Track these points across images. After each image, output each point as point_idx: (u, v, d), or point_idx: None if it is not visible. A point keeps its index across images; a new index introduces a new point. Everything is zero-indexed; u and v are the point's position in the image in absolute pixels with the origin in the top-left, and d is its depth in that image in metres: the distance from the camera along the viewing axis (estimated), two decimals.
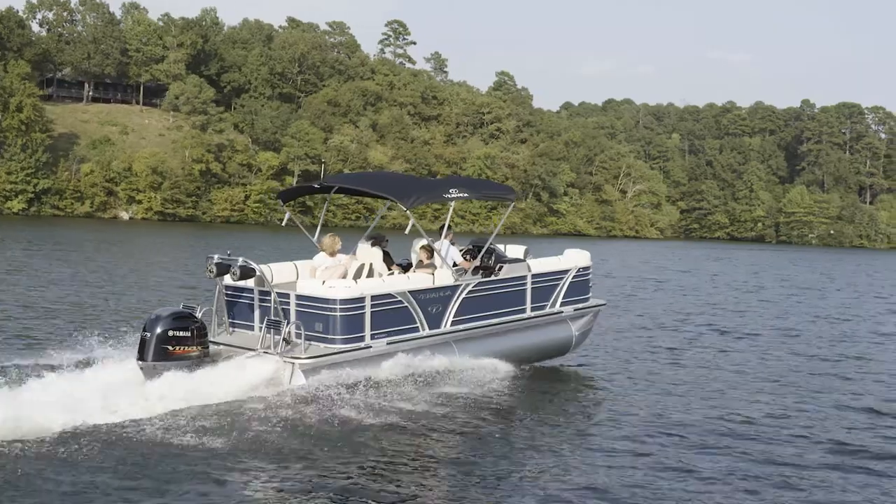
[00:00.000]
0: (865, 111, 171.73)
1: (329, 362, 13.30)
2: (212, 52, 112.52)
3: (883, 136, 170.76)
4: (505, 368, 15.31)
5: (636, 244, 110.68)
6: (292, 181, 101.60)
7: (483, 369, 14.90)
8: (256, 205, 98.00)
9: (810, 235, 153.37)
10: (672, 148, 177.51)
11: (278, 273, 14.70)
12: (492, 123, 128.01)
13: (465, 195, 15.71)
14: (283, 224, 16.90)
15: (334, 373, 13.26)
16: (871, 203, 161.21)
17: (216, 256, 13.55)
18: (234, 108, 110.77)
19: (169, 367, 12.49)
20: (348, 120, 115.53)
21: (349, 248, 15.68)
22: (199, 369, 12.72)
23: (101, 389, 11.98)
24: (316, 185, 16.18)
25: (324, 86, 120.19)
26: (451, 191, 15.38)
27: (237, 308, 14.51)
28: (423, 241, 15.72)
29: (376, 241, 15.66)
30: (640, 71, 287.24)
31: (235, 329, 14.53)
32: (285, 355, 13.16)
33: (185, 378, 12.45)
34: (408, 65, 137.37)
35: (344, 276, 14.48)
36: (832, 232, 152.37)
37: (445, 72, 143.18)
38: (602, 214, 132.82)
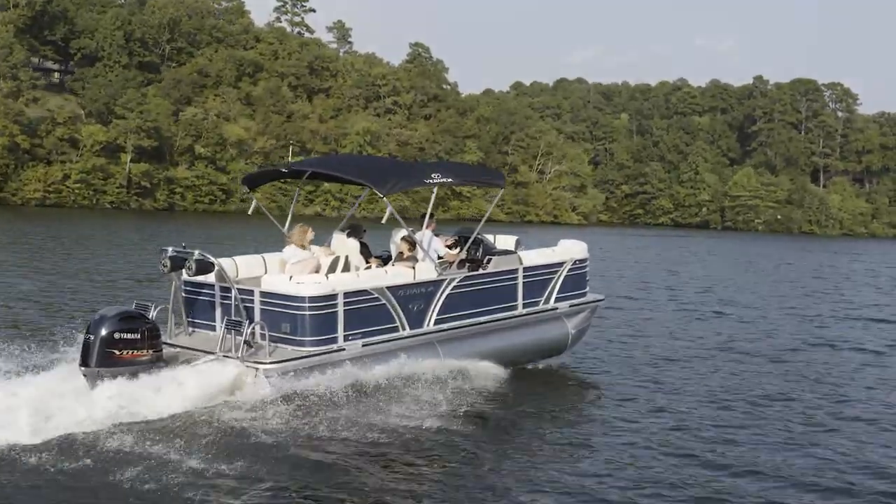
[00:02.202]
0: (822, 87, 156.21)
1: (297, 367, 11.94)
2: (58, 15, 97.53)
3: (840, 114, 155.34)
4: (494, 371, 14.02)
5: (553, 231, 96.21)
6: (126, 158, 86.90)
7: (470, 372, 13.55)
8: (78, 185, 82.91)
9: (756, 221, 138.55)
10: (619, 128, 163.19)
11: (244, 267, 13.48)
12: (388, 97, 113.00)
13: (449, 180, 14.32)
14: (250, 213, 15.55)
15: (303, 379, 11.91)
16: (825, 186, 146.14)
17: (170, 249, 12.22)
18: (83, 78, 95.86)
19: (114, 373, 11.12)
20: (219, 92, 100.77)
21: (323, 239, 14.32)
22: (149, 376, 11.33)
23: (33, 400, 10.51)
24: (284, 170, 15.48)
25: (200, 55, 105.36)
26: (433, 176, 14.01)
27: (197, 306, 13.07)
28: (404, 232, 14.19)
29: (353, 231, 14.50)
30: (627, 58, 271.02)
31: (196, 329, 13.04)
32: (247, 359, 11.76)
33: (133, 386, 11.00)
34: (306, 34, 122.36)
35: (317, 271, 13.11)
36: (779, 217, 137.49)
37: (350, 42, 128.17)
38: (515, 198, 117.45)
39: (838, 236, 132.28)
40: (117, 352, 11.24)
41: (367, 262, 14.15)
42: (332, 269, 13.37)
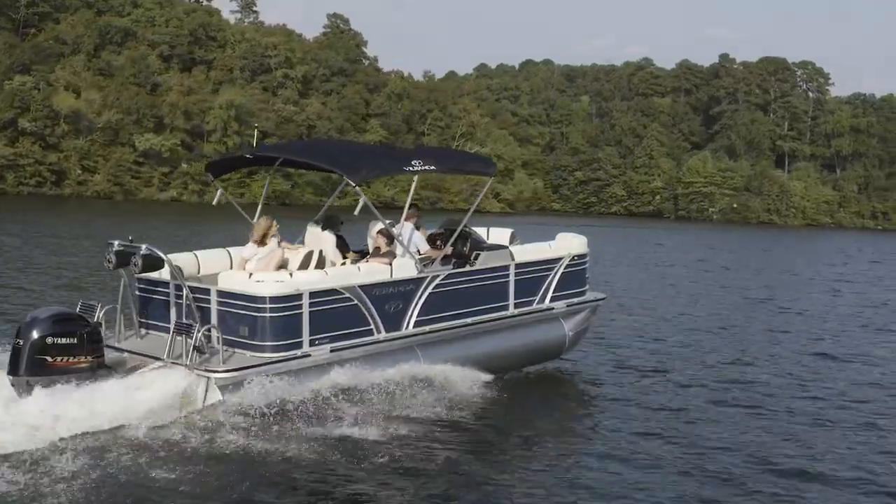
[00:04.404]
0: (792, 66, 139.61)
1: (255, 375, 10.33)
2: None
3: (812, 94, 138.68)
4: (482, 377, 12.53)
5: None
6: None
7: (454, 379, 12.07)
8: None
9: (711, 210, 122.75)
10: (578, 111, 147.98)
11: (207, 263, 12.00)
12: (278, 69, 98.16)
13: (431, 168, 12.71)
14: (216, 203, 13.87)
15: (262, 389, 10.27)
16: (790, 172, 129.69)
17: (116, 243, 10.67)
18: None
19: (46, 382, 9.70)
20: (71, 61, 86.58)
21: (298, 234, 12.96)
22: (86, 385, 9.79)
23: None
24: (248, 156, 13.18)
25: (64, 21, 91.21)
26: (413, 162, 12.45)
27: (151, 305, 11.58)
28: (381, 225, 12.73)
29: (328, 223, 13.01)
30: (632, 51, 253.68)
31: (149, 331, 11.57)
32: (198, 367, 10.22)
33: (66, 397, 9.52)
34: (204, 1, 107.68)
35: (283, 266, 11.83)
36: (735, 206, 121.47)
37: (255, 12, 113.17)
38: (424, 182, 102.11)
39: (801, 226, 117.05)
40: (50, 358, 9.79)
41: (344, 257, 12.56)
42: (304, 264, 11.90)
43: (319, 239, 12.53)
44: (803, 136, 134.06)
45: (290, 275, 11.08)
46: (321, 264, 12.01)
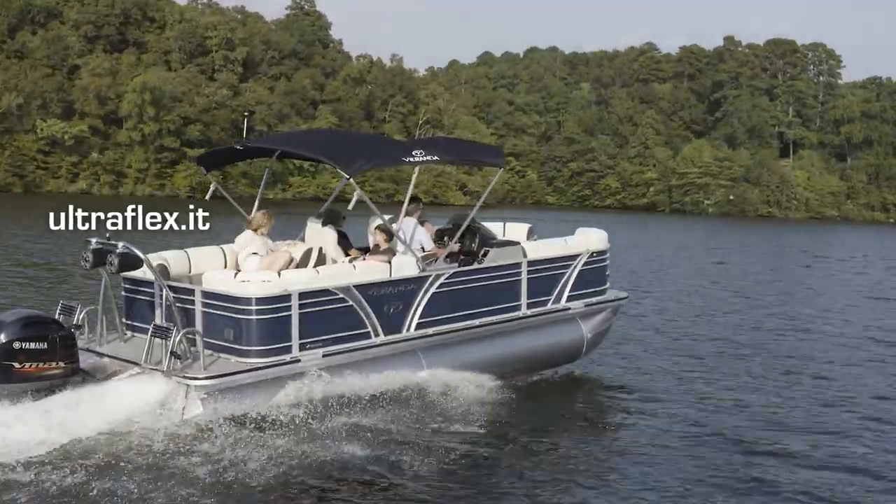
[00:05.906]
0: (802, 49, 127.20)
1: (240, 382, 9.41)
2: None
3: (822, 78, 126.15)
4: (491, 383, 11.29)
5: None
6: None
7: (461, 386, 10.89)
8: None
9: (706, 202, 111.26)
10: (577, 99, 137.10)
11: (199, 261, 10.80)
12: (217, 51, 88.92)
13: (434, 159, 11.40)
14: (208, 198, 11.78)
15: (247, 398, 9.36)
16: (794, 161, 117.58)
17: (94, 241, 9.73)
18: None
19: (13, 390, 8.86)
20: None
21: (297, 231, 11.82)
22: (57, 393, 8.99)
23: None
24: (238, 147, 12.12)
25: None
26: (414, 153, 11.21)
27: (137, 306, 10.49)
28: (379, 221, 11.48)
29: (329, 218, 11.77)
30: (670, 42, 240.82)
31: (134, 334, 10.46)
32: (177, 373, 9.25)
33: (34, 406, 8.72)
34: None
35: (287, 267, 10.53)
36: (732, 198, 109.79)
37: None
38: (380, 172, 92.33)
39: (803, 220, 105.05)
40: (18, 364, 8.91)
41: (347, 255, 11.40)
42: (304, 261, 10.90)
43: (320, 235, 11.38)
44: (811, 122, 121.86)
45: (279, 274, 9.98)
46: (321, 261, 10.94)
